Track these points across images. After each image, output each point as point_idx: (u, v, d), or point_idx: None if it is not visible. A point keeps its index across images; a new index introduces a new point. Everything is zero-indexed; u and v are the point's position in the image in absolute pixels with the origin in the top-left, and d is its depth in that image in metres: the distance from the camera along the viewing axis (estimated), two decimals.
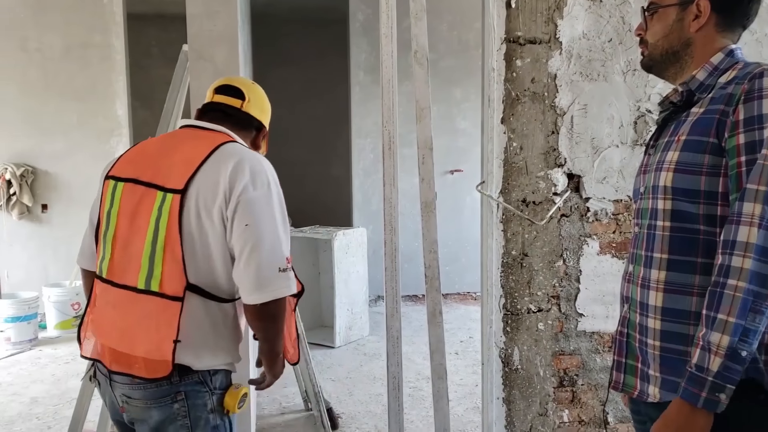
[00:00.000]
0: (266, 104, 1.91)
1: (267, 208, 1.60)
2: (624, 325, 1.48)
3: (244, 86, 1.84)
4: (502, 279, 2.72)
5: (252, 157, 1.64)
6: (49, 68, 5.60)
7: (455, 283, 6.75)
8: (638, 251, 1.43)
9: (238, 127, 1.78)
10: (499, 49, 2.59)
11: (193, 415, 1.61)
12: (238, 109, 1.79)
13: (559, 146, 2.66)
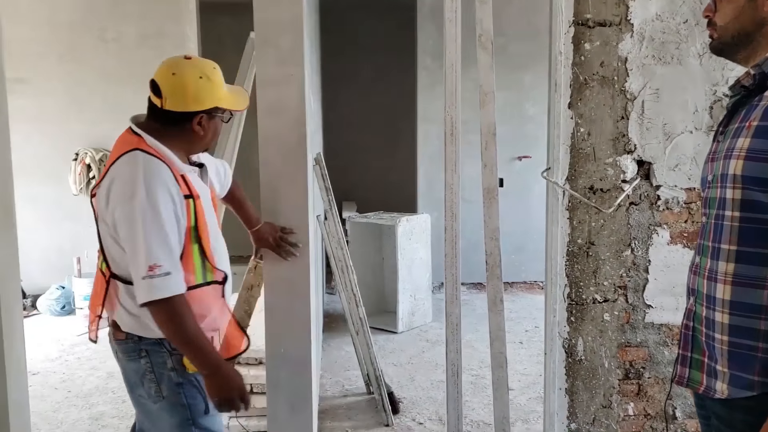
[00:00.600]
0: (190, 89, 1.87)
1: (131, 220, 1.75)
2: (690, 318, 1.42)
3: (163, 79, 1.87)
4: (567, 268, 2.67)
5: (127, 171, 1.79)
6: (126, 57, 5.80)
7: (521, 272, 6.66)
8: (705, 242, 1.38)
9: (162, 125, 1.88)
10: (566, 32, 2.52)
11: (156, 370, 1.88)
12: (159, 108, 1.87)
13: (629, 132, 2.57)
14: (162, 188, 1.76)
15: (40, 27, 5.77)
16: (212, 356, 1.84)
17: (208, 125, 1.92)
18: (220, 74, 1.95)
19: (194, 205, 1.85)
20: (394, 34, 7.76)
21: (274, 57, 2.38)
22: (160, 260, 1.73)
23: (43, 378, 4.17)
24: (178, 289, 1.77)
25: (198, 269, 1.87)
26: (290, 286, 2.47)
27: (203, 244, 1.88)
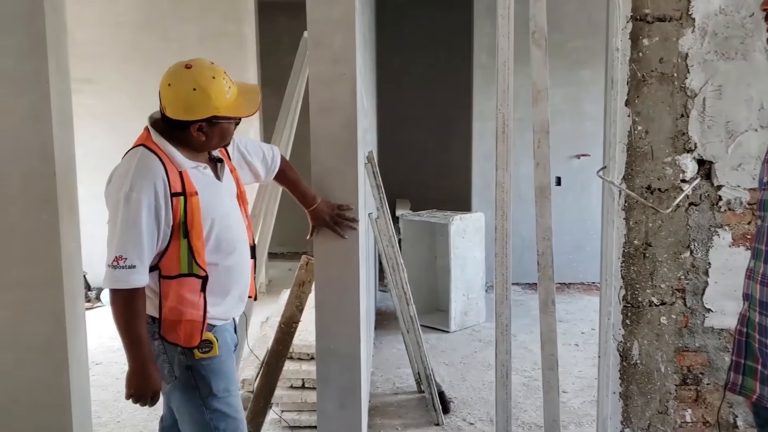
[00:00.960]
0: (182, 102, 1.93)
1: (114, 209, 1.89)
2: (744, 324, 1.37)
3: (162, 89, 1.97)
4: (622, 269, 2.60)
5: (125, 164, 1.93)
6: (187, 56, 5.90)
7: (579, 273, 6.52)
8: (760, 246, 1.32)
9: (169, 127, 1.98)
10: (624, 28, 2.46)
11: (169, 353, 1.99)
12: (164, 115, 1.97)
13: (689, 130, 2.49)
14: (147, 186, 1.86)
15: (106, 28, 5.98)
16: (144, 353, 1.93)
17: (210, 131, 1.97)
18: (222, 82, 1.96)
19: (185, 202, 1.91)
20: (450, 31, 7.72)
21: (327, 56, 2.40)
22: (127, 253, 1.85)
23: (105, 368, 4.32)
24: (138, 283, 1.88)
25: (183, 261, 1.95)
26: (340, 283, 2.49)
27: (192, 239, 1.94)
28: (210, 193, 2.00)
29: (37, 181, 2.41)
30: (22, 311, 2.46)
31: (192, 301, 1.97)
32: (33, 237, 2.43)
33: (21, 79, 2.36)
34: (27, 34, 2.35)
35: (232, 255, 2.05)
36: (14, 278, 2.44)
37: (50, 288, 2.45)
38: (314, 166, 2.45)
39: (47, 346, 2.47)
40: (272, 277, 6.75)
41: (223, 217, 2.03)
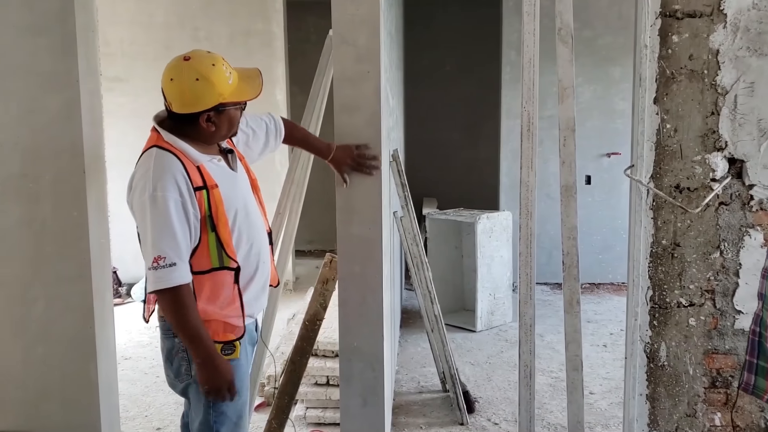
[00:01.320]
0: (187, 94, 1.92)
1: (142, 213, 1.88)
2: (757, 323, 1.35)
3: (165, 85, 1.95)
4: (650, 270, 2.56)
5: (142, 166, 1.93)
6: None
7: (608, 273, 6.44)
8: None
9: (177, 124, 1.97)
10: (653, 25, 2.42)
11: (189, 352, 1.96)
12: (171, 112, 1.98)
13: (720, 128, 2.44)
14: (170, 183, 1.86)
15: (138, 28, 6.07)
16: (207, 346, 1.92)
17: (218, 119, 1.96)
18: (222, 68, 1.95)
19: (208, 195, 1.92)
20: (479, 29, 7.67)
21: (351, 54, 2.41)
22: (164, 252, 1.84)
23: (134, 363, 4.39)
24: (182, 279, 1.87)
25: (213, 255, 1.95)
26: (363, 280, 2.50)
27: (220, 232, 1.94)
28: (228, 184, 2.01)
29: (68, 178, 2.46)
30: (53, 306, 2.51)
31: (226, 294, 1.99)
32: (63, 233, 2.48)
33: (53, 78, 2.42)
34: (59, 34, 2.40)
35: (253, 244, 2.07)
36: (46, 273, 2.50)
37: (79, 283, 2.51)
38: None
39: (76, 340, 2.53)
40: (299, 275, 6.79)
41: (242, 207, 2.04)
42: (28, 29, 2.38)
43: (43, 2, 2.38)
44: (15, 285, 2.50)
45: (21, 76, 2.40)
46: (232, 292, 1.99)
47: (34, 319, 2.52)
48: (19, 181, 2.45)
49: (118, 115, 6.09)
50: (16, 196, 2.46)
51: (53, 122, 2.43)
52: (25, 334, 2.53)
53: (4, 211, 2.47)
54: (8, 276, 2.50)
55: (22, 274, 2.50)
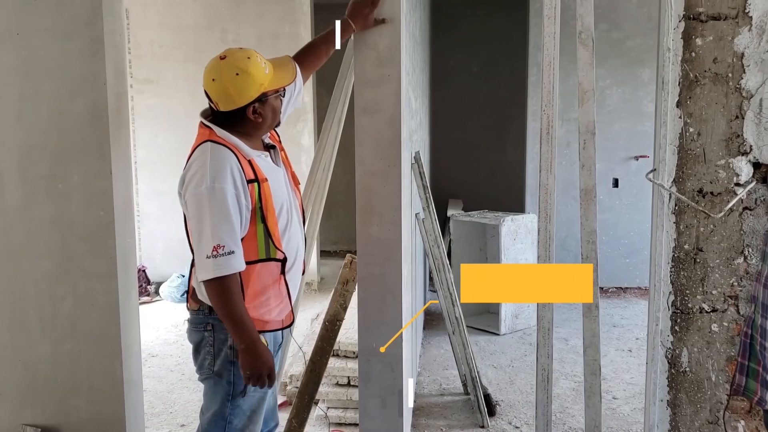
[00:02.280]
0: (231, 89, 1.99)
1: (198, 204, 1.94)
2: (749, 326, 1.34)
3: (208, 87, 2.02)
4: (672, 275, 2.54)
5: (198, 160, 1.98)
6: None
7: (635, 277, 6.38)
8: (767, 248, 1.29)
9: (223, 124, 2.04)
10: (676, 28, 2.39)
11: (216, 345, 2.07)
12: (218, 112, 2.06)
13: (744, 132, 2.40)
14: (227, 175, 1.93)
15: (167, 30, 6.18)
16: (251, 333, 1.98)
17: (263, 109, 2.05)
18: (257, 60, 2.05)
19: (259, 189, 2.00)
20: (505, 30, 7.66)
21: (372, 58, 2.44)
22: (223, 240, 1.91)
23: (161, 360, 4.47)
24: (239, 266, 1.95)
25: (261, 246, 2.02)
26: (382, 281, 2.52)
27: (268, 224, 2.01)
28: (275, 179, 2.10)
29: (95, 179, 2.52)
30: (80, 303, 2.58)
31: (274, 286, 2.06)
32: (91, 232, 2.54)
33: (81, 81, 2.48)
34: (87, 38, 2.46)
35: (292, 237, 2.14)
36: (73, 272, 2.57)
37: (106, 281, 2.57)
38: (359, 166, 2.49)
39: (102, 336, 2.59)
40: (324, 275, 6.84)
41: (286, 200, 2.12)
42: (58, 34, 2.45)
43: (72, 7, 2.44)
44: (44, 282, 2.58)
45: (50, 79, 2.47)
46: (280, 282, 2.07)
47: (62, 316, 2.59)
48: (49, 181, 2.52)
49: (148, 117, 6.22)
50: (46, 196, 2.53)
51: (81, 124, 2.49)
52: (53, 330, 2.60)
53: (34, 211, 2.54)
54: (37, 274, 2.57)
55: (51, 272, 2.57)
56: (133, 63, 6.22)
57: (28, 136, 2.50)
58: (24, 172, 2.52)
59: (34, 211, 2.54)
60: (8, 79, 2.48)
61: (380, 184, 2.45)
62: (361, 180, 2.47)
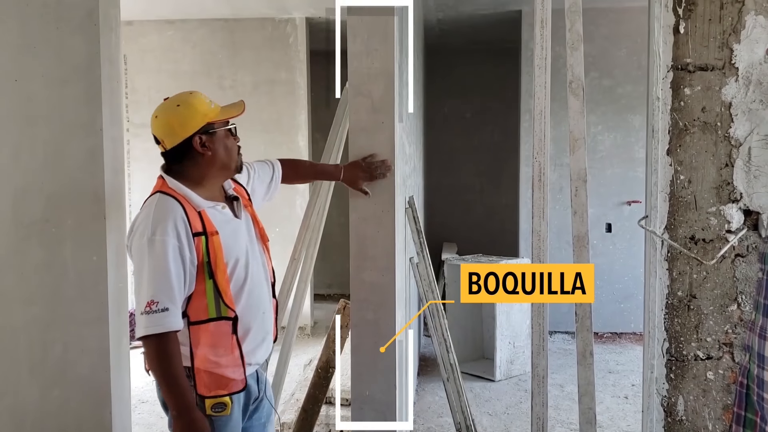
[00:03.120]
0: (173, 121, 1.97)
1: (140, 257, 1.87)
2: (744, 375, 1.34)
3: (153, 127, 2.02)
4: (666, 321, 2.53)
5: (144, 211, 1.93)
6: None
7: (630, 322, 6.36)
8: (760, 298, 1.30)
9: (177, 164, 2.00)
10: (665, 77, 2.44)
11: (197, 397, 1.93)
12: (165, 152, 2.01)
13: (734, 180, 2.43)
14: (168, 227, 1.85)
15: (164, 76, 6.26)
16: (186, 398, 1.86)
17: (212, 142, 1.99)
18: (200, 96, 2.03)
19: (207, 242, 1.91)
20: (497, 77, 7.82)
21: (366, 105, 2.47)
22: (157, 296, 1.82)
23: (151, 407, 4.40)
24: (173, 326, 1.84)
25: (211, 304, 1.92)
26: (376, 328, 2.50)
27: (217, 280, 1.91)
28: (229, 231, 1.99)
29: (89, 223, 2.52)
30: (71, 348, 2.55)
31: (225, 345, 1.94)
32: (83, 277, 2.53)
33: (78, 126, 2.50)
34: (85, 84, 2.50)
35: (253, 293, 2.03)
36: (64, 316, 2.55)
37: (97, 326, 2.55)
38: (353, 211, 2.50)
39: (92, 383, 2.55)
40: (318, 319, 6.79)
41: (243, 255, 2.01)
42: (56, 80, 2.49)
43: (72, 54, 2.48)
44: (34, 327, 2.55)
45: (47, 124, 2.49)
46: (231, 342, 1.95)
47: (51, 361, 2.56)
48: (42, 225, 2.52)
49: (143, 161, 6.25)
50: (39, 240, 2.52)
51: (77, 168, 2.50)
52: (42, 375, 2.56)
53: (27, 255, 2.53)
54: (28, 318, 2.55)
55: (42, 317, 2.55)
56: (130, 107, 6.28)
57: (24, 180, 2.51)
58: (18, 215, 2.52)
59: (26, 254, 2.53)
60: (5, 123, 2.50)
61: (374, 229, 2.46)
62: (355, 225, 2.48)
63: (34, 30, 2.48)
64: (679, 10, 2.42)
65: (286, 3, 5.71)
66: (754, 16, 2.39)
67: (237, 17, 6.15)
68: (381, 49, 2.45)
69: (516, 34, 6.48)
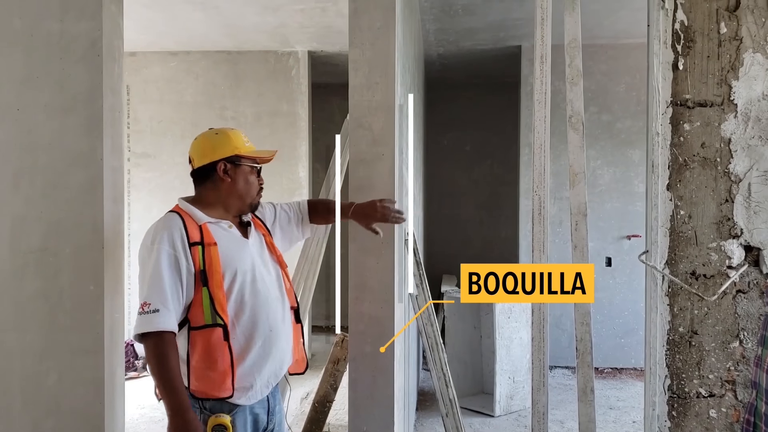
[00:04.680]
0: (207, 144, 2.15)
1: (141, 263, 2.03)
2: (751, 413, 1.31)
3: (190, 148, 2.20)
4: (667, 358, 2.50)
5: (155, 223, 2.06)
6: None
7: (631, 357, 6.30)
8: (766, 333, 1.27)
9: (198, 187, 2.17)
10: (664, 113, 2.46)
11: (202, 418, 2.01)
12: (193, 172, 2.18)
13: (734, 216, 2.43)
14: (165, 236, 1.99)
15: (167, 107, 6.30)
16: (180, 399, 1.94)
17: (234, 173, 2.13)
18: (239, 134, 2.20)
19: (203, 251, 2.01)
20: (497, 111, 7.88)
21: (367, 138, 2.48)
22: (150, 298, 1.95)
23: None
24: (164, 325, 1.93)
25: (206, 311, 2.01)
26: (374, 361, 2.47)
27: (210, 287, 2.00)
28: (232, 246, 2.09)
29: (87, 252, 2.51)
30: (65, 379, 2.52)
31: (218, 351, 2.00)
32: (79, 306, 2.51)
33: (78, 155, 2.50)
34: (87, 114, 2.50)
35: (259, 313, 2.08)
36: (59, 346, 2.52)
37: (92, 357, 2.52)
38: (352, 242, 2.49)
39: (86, 414, 2.51)
40: (315, 351, 6.73)
41: (247, 271, 2.09)
42: (57, 109, 2.50)
43: (74, 84, 2.50)
44: (28, 356, 2.52)
45: (48, 153, 2.50)
46: (223, 349, 2.01)
47: (45, 392, 2.52)
48: (40, 254, 2.51)
49: (144, 190, 6.26)
50: (36, 269, 2.51)
51: (76, 197, 2.50)
52: (36, 406, 2.53)
53: (23, 284, 2.51)
54: (23, 347, 2.52)
55: (37, 346, 2.52)
56: (131, 137, 6.31)
57: (23, 208, 2.51)
58: (15, 243, 2.51)
59: (23, 283, 2.52)
60: (6, 152, 2.51)
61: (373, 261, 2.45)
62: (354, 256, 2.47)
63: (38, 60, 2.50)
64: (678, 46, 2.45)
65: (288, 37, 5.78)
66: (752, 53, 2.41)
67: (240, 50, 6.22)
68: (382, 82, 2.47)
69: (515, 68, 6.54)
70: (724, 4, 2.43)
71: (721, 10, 2.43)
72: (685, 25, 2.45)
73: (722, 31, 2.43)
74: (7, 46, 2.51)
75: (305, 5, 4.85)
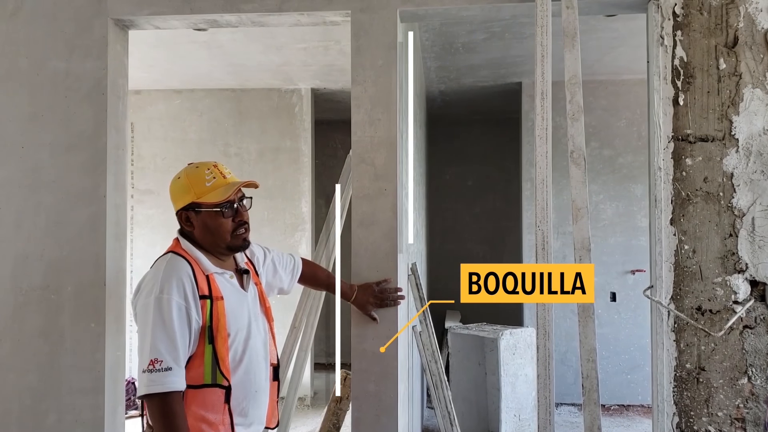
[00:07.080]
0: (171, 191, 2.03)
1: (145, 314, 1.85)
2: None
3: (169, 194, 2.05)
4: (675, 395, 2.47)
5: (154, 269, 1.93)
6: (246, 170, 6.22)
7: (638, 394, 6.20)
8: None
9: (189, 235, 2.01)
10: (666, 148, 2.46)
11: None
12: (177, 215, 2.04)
13: (739, 250, 2.42)
14: (175, 286, 1.84)
15: (170, 144, 6.35)
16: None
17: (196, 220, 1.98)
18: (203, 171, 1.99)
19: (211, 306, 1.89)
20: (499, 146, 7.93)
21: (369, 173, 2.49)
22: (162, 355, 1.79)
23: None
24: (176, 385, 1.79)
25: (207, 369, 1.88)
26: (377, 400, 2.44)
27: (217, 345, 1.88)
28: (235, 301, 1.97)
29: (89, 290, 2.50)
30: (65, 418, 2.49)
31: (215, 415, 1.89)
32: (80, 345, 2.49)
33: (81, 192, 2.51)
34: (91, 151, 2.52)
35: (248, 370, 1.97)
36: (59, 385, 2.49)
37: (93, 395, 2.49)
38: (354, 277, 2.48)
39: None
40: (318, 389, 6.65)
41: (244, 328, 1.97)
42: (62, 147, 2.51)
43: (79, 122, 2.52)
44: (28, 397, 2.49)
45: (51, 191, 2.51)
46: (223, 410, 1.89)
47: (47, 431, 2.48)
48: (42, 292, 2.50)
49: (146, 226, 6.27)
50: (37, 307, 2.50)
51: (79, 235, 2.50)
52: None
53: (25, 322, 2.50)
54: (22, 387, 2.50)
55: (36, 386, 2.49)
56: (135, 174, 6.34)
57: (25, 246, 2.51)
58: (17, 281, 2.51)
59: (24, 321, 2.50)
60: (10, 190, 2.52)
61: None
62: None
63: (43, 99, 2.53)
64: (678, 82, 2.47)
65: (292, 75, 5.84)
66: (751, 89, 2.43)
67: (244, 87, 6.28)
68: (384, 118, 2.48)
69: (516, 104, 6.59)
70: (722, 40, 2.46)
71: (720, 46, 2.46)
72: (684, 61, 2.47)
73: (721, 67, 2.45)
74: (14, 84, 2.54)
75: (308, 44, 4.92)
